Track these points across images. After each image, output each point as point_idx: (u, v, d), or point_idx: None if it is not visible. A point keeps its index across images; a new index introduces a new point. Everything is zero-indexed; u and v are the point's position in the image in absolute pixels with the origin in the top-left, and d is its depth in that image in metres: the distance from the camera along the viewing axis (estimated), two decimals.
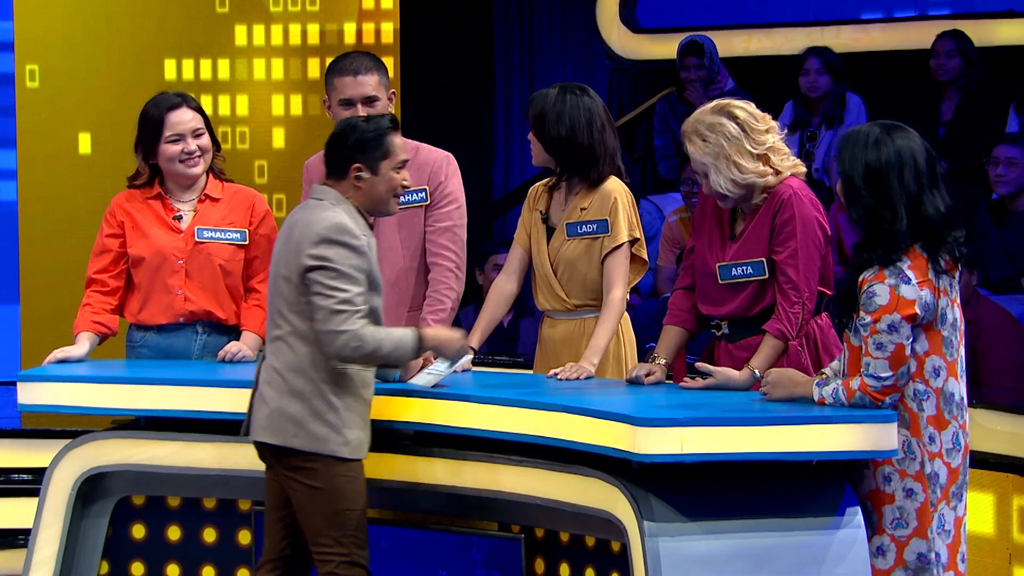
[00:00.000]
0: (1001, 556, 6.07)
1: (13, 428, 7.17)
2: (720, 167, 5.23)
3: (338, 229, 5.04)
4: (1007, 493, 6.06)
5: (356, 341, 4.97)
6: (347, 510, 5.07)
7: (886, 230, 4.81)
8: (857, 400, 4.82)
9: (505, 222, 11.30)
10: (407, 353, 5.09)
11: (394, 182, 5.18)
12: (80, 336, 6.06)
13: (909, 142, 4.87)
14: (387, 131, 5.17)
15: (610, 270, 5.67)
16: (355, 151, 5.14)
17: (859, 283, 4.84)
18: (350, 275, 5.01)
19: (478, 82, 11.83)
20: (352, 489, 5.08)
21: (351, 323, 4.98)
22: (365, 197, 5.16)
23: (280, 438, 5.09)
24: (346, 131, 5.18)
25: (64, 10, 8.86)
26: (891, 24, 10.80)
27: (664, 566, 4.66)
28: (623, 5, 10.92)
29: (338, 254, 5.01)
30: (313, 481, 5.06)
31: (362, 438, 5.11)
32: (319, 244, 5.03)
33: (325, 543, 5.08)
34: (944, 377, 4.89)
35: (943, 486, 4.88)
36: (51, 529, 5.79)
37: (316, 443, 5.05)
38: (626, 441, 4.70)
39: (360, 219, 5.14)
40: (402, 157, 5.20)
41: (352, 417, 5.08)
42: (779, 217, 5.26)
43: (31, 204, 8.85)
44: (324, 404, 5.06)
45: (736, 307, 5.36)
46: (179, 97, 6.14)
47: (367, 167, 5.14)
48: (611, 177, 5.71)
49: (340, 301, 4.99)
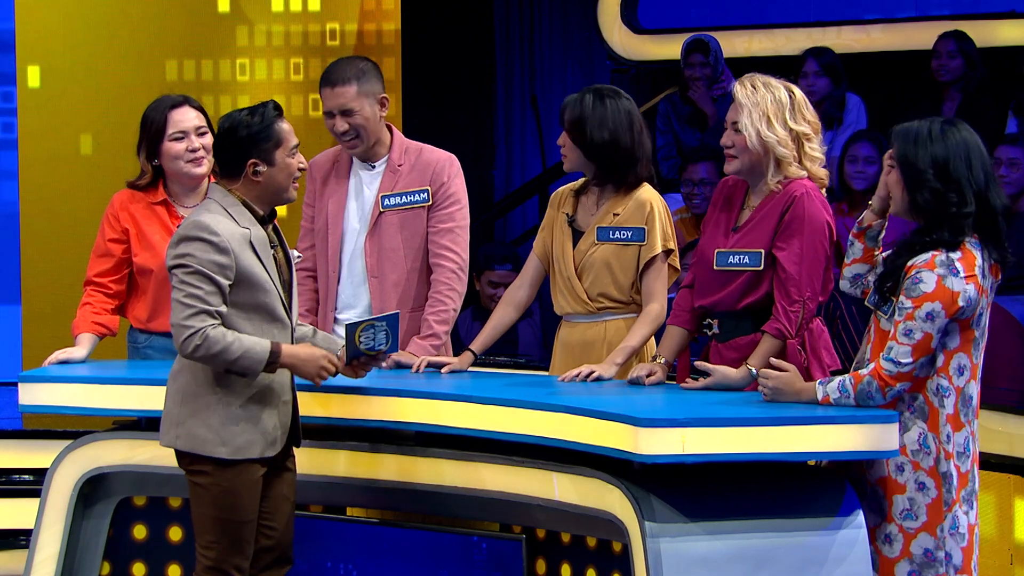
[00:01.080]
0: (1002, 556, 6.06)
1: (14, 429, 7.16)
2: (755, 116, 5.27)
3: (196, 226, 4.98)
4: (1008, 493, 6.06)
5: (199, 339, 4.93)
6: (225, 518, 5.04)
7: (954, 214, 4.80)
8: (864, 386, 4.80)
9: (506, 223, 11.30)
10: (256, 364, 4.98)
11: (291, 168, 5.11)
12: (81, 337, 6.05)
13: (972, 136, 4.88)
14: (274, 119, 5.08)
15: (650, 281, 5.65)
16: (247, 146, 5.06)
17: (906, 268, 4.81)
18: (204, 272, 4.95)
19: (479, 82, 11.83)
20: (233, 497, 5.04)
21: (197, 320, 4.93)
22: (264, 189, 5.09)
23: (168, 441, 5.11)
24: (232, 128, 5.08)
25: (64, 10, 8.86)
26: (892, 25, 10.80)
27: (665, 566, 4.66)
28: (624, 6, 10.92)
29: (193, 249, 4.95)
30: (201, 480, 5.06)
31: (252, 439, 5.05)
32: (177, 244, 5.00)
33: (201, 543, 5.08)
34: (967, 378, 4.89)
35: (956, 488, 4.88)
36: (52, 530, 5.79)
37: (197, 445, 5.03)
38: (627, 441, 4.70)
39: (246, 213, 5.06)
40: (294, 142, 5.12)
41: (240, 418, 5.03)
42: (788, 214, 5.26)
43: (32, 204, 8.85)
44: (206, 405, 5.04)
45: (726, 297, 5.35)
46: (181, 97, 6.14)
47: (262, 160, 5.07)
48: (644, 184, 5.70)
49: (187, 295, 4.95)
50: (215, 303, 4.96)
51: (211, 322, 4.95)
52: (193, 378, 5.06)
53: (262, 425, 5.08)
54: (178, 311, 4.96)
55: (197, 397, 5.05)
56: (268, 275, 5.06)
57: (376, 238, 6.02)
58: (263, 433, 5.08)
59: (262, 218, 5.11)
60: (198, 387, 5.05)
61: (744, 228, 5.37)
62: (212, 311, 4.96)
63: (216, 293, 4.97)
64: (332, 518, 5.59)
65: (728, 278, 5.36)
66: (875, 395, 4.81)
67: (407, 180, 6.02)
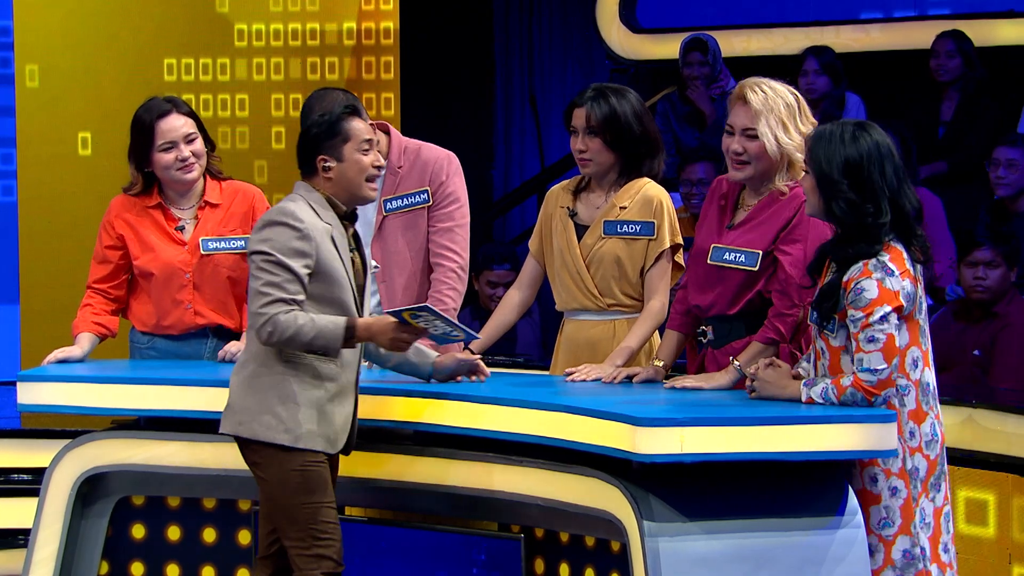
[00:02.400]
0: (1001, 556, 6.06)
1: (13, 428, 7.16)
2: (771, 121, 5.26)
3: (280, 212, 5.05)
4: (1007, 493, 6.05)
5: (271, 326, 4.96)
6: (302, 503, 5.03)
7: (870, 224, 4.83)
8: (848, 397, 4.82)
9: (504, 222, 11.30)
10: (334, 341, 5.01)
11: (362, 164, 5.14)
12: (80, 336, 6.05)
13: (883, 137, 4.90)
14: (341, 116, 5.16)
15: (653, 278, 5.64)
16: (316, 143, 5.14)
17: (843, 283, 4.85)
18: (282, 261, 4.98)
19: (478, 82, 11.82)
20: (303, 483, 5.03)
21: (271, 307, 4.96)
22: (337, 186, 5.14)
23: (229, 427, 5.11)
24: (305, 129, 5.21)
25: (64, 10, 8.85)
26: (891, 24, 10.80)
27: (664, 566, 4.66)
28: (623, 5, 10.92)
29: (275, 234, 5.01)
30: (266, 472, 5.06)
31: (312, 431, 5.05)
32: (261, 229, 5.05)
33: (289, 535, 5.07)
34: (921, 368, 4.93)
35: (923, 479, 4.92)
36: (51, 529, 5.79)
37: (259, 431, 5.04)
38: (626, 441, 4.70)
39: (328, 209, 5.12)
40: (365, 137, 5.15)
41: (305, 408, 5.04)
42: (793, 219, 5.26)
43: (31, 204, 8.85)
44: (274, 394, 5.04)
45: (719, 299, 5.35)
46: (169, 103, 6.06)
47: (331, 155, 5.12)
48: (649, 180, 5.68)
49: (265, 283, 4.98)
50: (292, 290, 4.99)
51: (284, 307, 4.97)
52: (259, 368, 5.07)
53: (326, 421, 5.09)
54: (255, 300, 5.00)
55: (262, 387, 5.05)
56: (345, 272, 5.09)
57: (381, 242, 6.01)
58: (325, 428, 5.09)
59: (344, 215, 5.15)
60: (264, 378, 5.06)
61: (742, 227, 5.37)
62: (288, 298, 4.98)
63: (294, 280, 5.00)
64: None
65: (722, 277, 5.36)
66: (861, 405, 4.82)
67: (407, 182, 6.02)
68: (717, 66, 9.90)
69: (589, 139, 5.62)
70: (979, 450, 6.14)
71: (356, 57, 8.98)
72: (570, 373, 5.51)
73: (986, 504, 6.10)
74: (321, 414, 5.07)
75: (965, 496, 6.10)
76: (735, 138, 5.31)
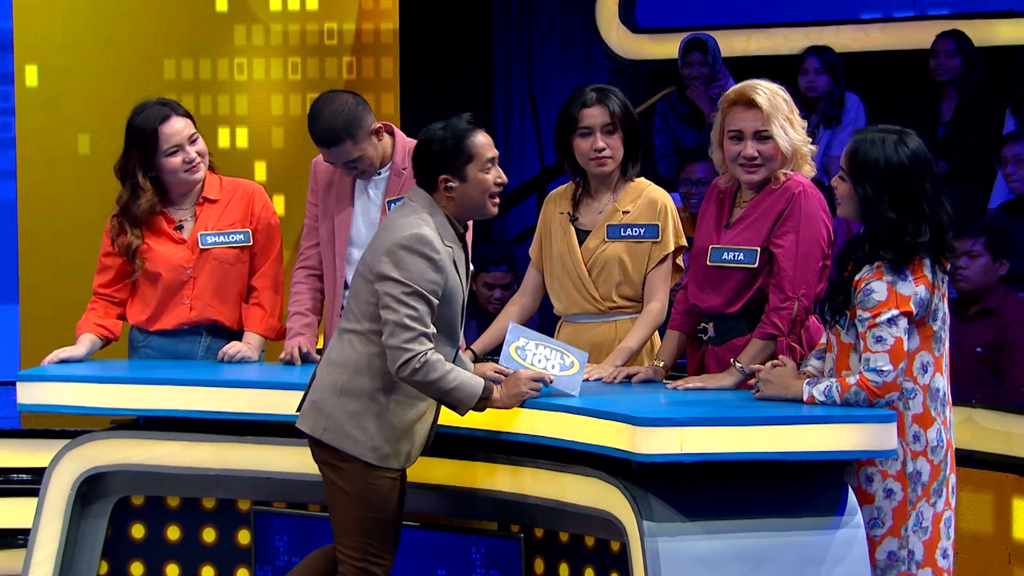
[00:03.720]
0: (1000, 556, 6.06)
1: (12, 428, 7.17)
2: (780, 121, 5.26)
3: (419, 240, 4.90)
4: (1006, 493, 6.06)
5: (419, 364, 4.86)
6: (368, 517, 5.00)
7: (908, 243, 4.81)
8: (851, 396, 4.81)
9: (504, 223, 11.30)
10: (469, 399, 4.93)
11: (486, 184, 5.02)
12: (81, 337, 6.06)
13: (922, 146, 4.86)
14: (465, 133, 5.00)
15: (654, 280, 5.65)
16: (438, 162, 4.99)
17: (855, 282, 4.84)
18: (422, 293, 4.88)
19: (477, 82, 11.82)
20: (376, 497, 4.99)
21: (417, 344, 4.86)
22: (458, 206, 5.02)
23: (312, 428, 5.03)
24: (425, 143, 5.03)
25: (64, 10, 8.85)
26: (890, 24, 10.80)
27: (664, 566, 4.66)
28: (622, 5, 10.92)
29: (415, 265, 4.89)
30: (340, 480, 5.00)
31: (398, 450, 5.00)
32: (398, 254, 4.89)
33: (344, 542, 5.04)
34: (931, 373, 4.92)
35: (924, 484, 4.91)
36: (50, 529, 5.79)
37: (345, 443, 4.97)
38: (626, 441, 4.70)
39: (450, 229, 5.02)
40: (489, 155, 5.02)
41: (392, 427, 4.99)
42: (786, 211, 5.26)
43: (30, 204, 8.84)
44: (367, 408, 4.97)
45: (719, 298, 5.35)
46: (164, 106, 6.07)
47: (454, 176, 4.99)
48: (650, 183, 5.70)
49: (409, 317, 4.86)
50: (430, 324, 4.90)
51: (429, 345, 4.88)
52: (355, 376, 4.97)
53: (409, 440, 5.04)
54: (399, 333, 4.86)
55: (360, 398, 4.98)
56: (461, 295, 5.03)
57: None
58: (408, 447, 5.04)
59: (460, 235, 5.06)
60: (360, 389, 4.97)
61: (738, 225, 5.37)
62: (430, 334, 4.89)
63: (431, 313, 4.90)
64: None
65: (722, 277, 5.36)
66: (863, 405, 4.82)
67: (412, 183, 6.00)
68: (717, 66, 9.90)
69: (607, 137, 5.62)
70: (979, 450, 6.14)
71: (356, 57, 8.97)
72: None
73: (985, 504, 6.11)
74: (407, 434, 5.03)
75: (965, 496, 6.10)
76: (747, 143, 5.28)
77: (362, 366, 4.98)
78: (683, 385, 5.26)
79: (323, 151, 5.90)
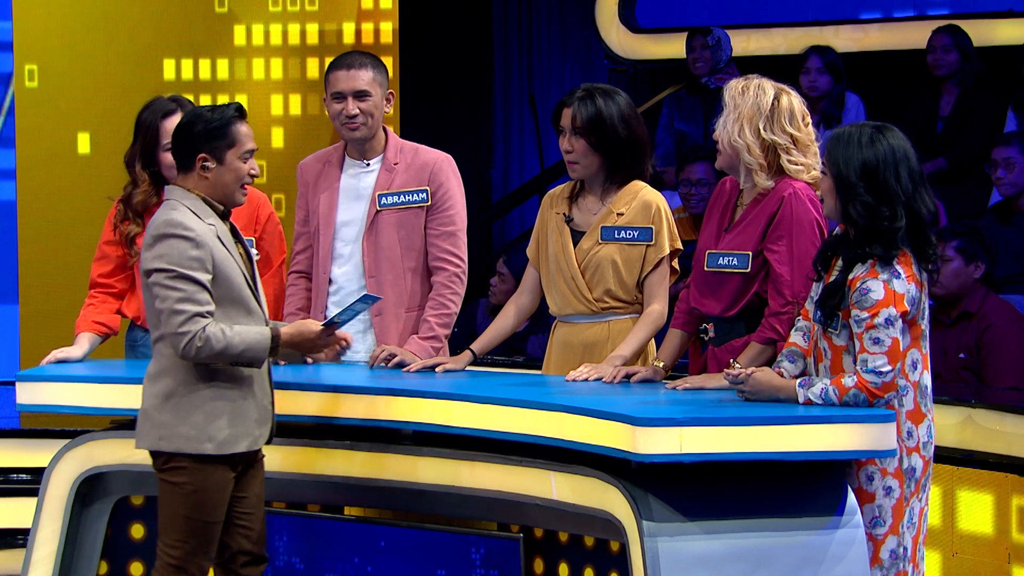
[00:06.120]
0: (1000, 556, 6.07)
1: (12, 428, 7.17)
2: (731, 118, 5.28)
3: (168, 224, 5.01)
4: (1006, 493, 6.06)
5: (200, 342, 4.95)
6: (192, 517, 5.05)
7: (886, 228, 4.82)
8: (850, 398, 4.81)
9: (504, 223, 11.30)
10: (261, 352, 5.04)
11: (241, 171, 5.13)
12: (80, 337, 6.06)
13: (902, 141, 4.89)
14: (232, 119, 5.11)
15: (653, 283, 5.64)
16: (200, 140, 5.09)
17: (849, 282, 4.84)
18: (186, 274, 4.96)
19: (477, 82, 11.83)
20: (202, 496, 5.05)
21: (192, 323, 4.95)
22: (212, 187, 5.11)
23: (151, 443, 5.09)
24: (191, 121, 5.13)
25: (63, 10, 8.84)
26: (890, 24, 10.81)
27: (663, 566, 4.66)
28: (622, 5, 10.93)
29: (170, 248, 4.98)
30: (171, 478, 5.06)
31: (235, 433, 5.07)
32: (153, 245, 5.01)
33: (166, 540, 5.08)
34: (920, 370, 4.94)
35: (917, 480, 4.94)
36: (50, 529, 5.79)
37: (182, 443, 5.03)
38: (625, 441, 4.70)
39: (207, 208, 5.09)
40: (249, 146, 5.15)
41: (219, 411, 5.05)
42: (777, 215, 5.26)
43: (30, 204, 8.84)
44: (190, 403, 5.04)
45: (718, 303, 5.36)
46: (174, 102, 6.10)
47: (213, 156, 5.10)
48: (645, 185, 5.68)
49: (178, 301, 4.96)
50: (203, 301, 4.98)
51: (205, 322, 4.96)
52: (174, 379, 5.06)
53: (246, 420, 5.10)
54: (172, 320, 4.96)
55: (180, 397, 5.05)
56: (238, 267, 5.09)
57: (373, 237, 6.01)
58: (247, 428, 5.10)
59: (221, 213, 5.13)
60: (180, 387, 5.05)
61: (734, 229, 5.38)
62: (203, 311, 4.97)
63: (202, 290, 4.99)
64: (330, 517, 5.59)
65: (719, 282, 5.37)
66: (862, 406, 4.82)
67: (403, 179, 6.02)
68: (719, 53, 9.89)
69: (575, 140, 5.62)
70: (979, 450, 6.14)
71: None
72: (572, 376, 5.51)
73: (985, 504, 6.11)
74: (240, 416, 5.08)
75: (965, 496, 6.10)
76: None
77: (171, 366, 5.06)
78: (682, 385, 5.26)
79: (341, 74, 5.97)
